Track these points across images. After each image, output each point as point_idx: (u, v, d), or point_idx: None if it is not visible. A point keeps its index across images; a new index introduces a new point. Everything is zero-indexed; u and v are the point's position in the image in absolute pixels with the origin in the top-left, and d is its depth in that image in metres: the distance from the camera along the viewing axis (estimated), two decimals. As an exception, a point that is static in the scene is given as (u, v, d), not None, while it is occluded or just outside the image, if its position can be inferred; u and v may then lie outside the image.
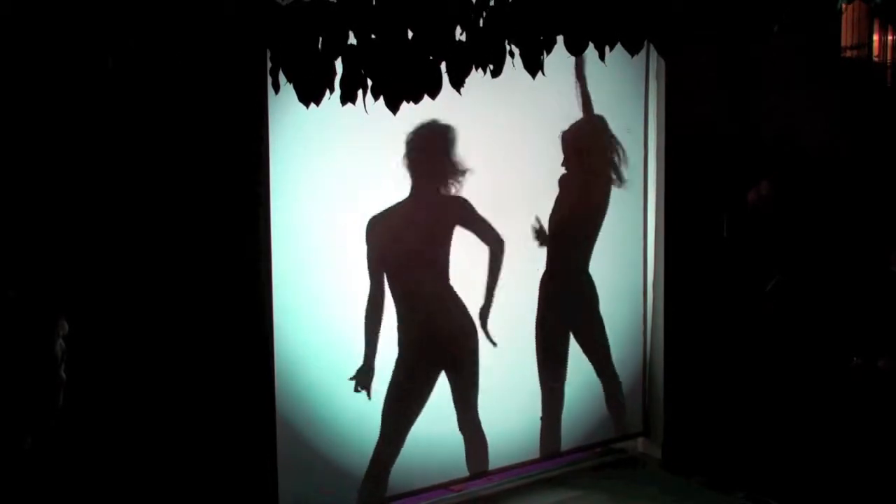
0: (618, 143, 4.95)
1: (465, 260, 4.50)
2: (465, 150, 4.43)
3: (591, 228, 4.96)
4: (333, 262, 4.17)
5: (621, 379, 5.14)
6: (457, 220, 4.46)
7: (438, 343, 4.43)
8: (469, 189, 4.47)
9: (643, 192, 5.13)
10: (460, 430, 4.55)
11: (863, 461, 4.48)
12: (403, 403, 4.36)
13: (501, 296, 4.62)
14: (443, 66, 2.94)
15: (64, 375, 2.50)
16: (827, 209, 5.00)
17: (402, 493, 4.44)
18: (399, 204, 4.31)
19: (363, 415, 4.29)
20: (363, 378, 4.25)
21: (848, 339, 4.76)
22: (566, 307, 4.93)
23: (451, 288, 4.45)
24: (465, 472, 4.64)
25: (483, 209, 4.52)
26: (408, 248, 4.35)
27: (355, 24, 2.89)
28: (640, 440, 5.30)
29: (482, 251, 4.56)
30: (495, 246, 4.55)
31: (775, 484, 4.60)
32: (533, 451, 4.87)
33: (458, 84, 2.96)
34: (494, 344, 4.57)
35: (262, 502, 3.97)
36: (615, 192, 5.02)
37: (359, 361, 4.27)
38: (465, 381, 4.52)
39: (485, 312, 4.56)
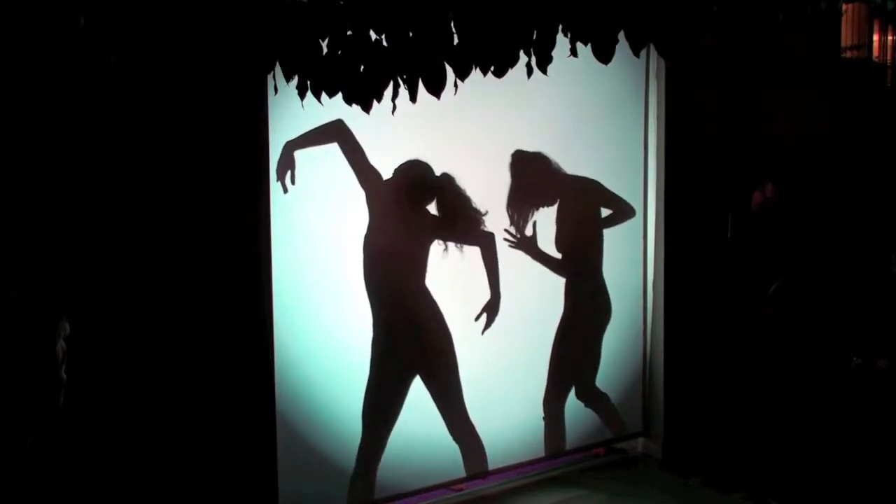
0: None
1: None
2: (463, 149, 4.45)
3: (597, 229, 4.96)
4: (333, 263, 4.17)
5: (622, 379, 5.14)
6: (438, 229, 4.40)
7: (408, 343, 4.36)
8: (467, 189, 4.47)
9: (643, 192, 5.13)
10: (452, 436, 4.51)
11: (862, 461, 4.48)
12: (377, 400, 4.31)
13: (502, 297, 4.63)
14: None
15: (64, 376, 2.50)
16: (827, 210, 5.00)
17: (402, 492, 4.44)
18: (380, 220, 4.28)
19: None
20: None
21: (848, 339, 4.76)
22: (581, 316, 4.94)
23: (425, 290, 4.39)
24: (465, 473, 4.63)
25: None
26: (386, 251, 4.29)
27: (356, 23, 2.89)
28: (640, 440, 5.30)
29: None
30: (485, 239, 4.52)
31: (775, 484, 4.60)
32: (534, 451, 4.87)
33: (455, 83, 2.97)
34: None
35: (262, 502, 3.97)
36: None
37: (358, 361, 4.27)
38: (443, 386, 4.45)
39: (492, 306, 4.55)
